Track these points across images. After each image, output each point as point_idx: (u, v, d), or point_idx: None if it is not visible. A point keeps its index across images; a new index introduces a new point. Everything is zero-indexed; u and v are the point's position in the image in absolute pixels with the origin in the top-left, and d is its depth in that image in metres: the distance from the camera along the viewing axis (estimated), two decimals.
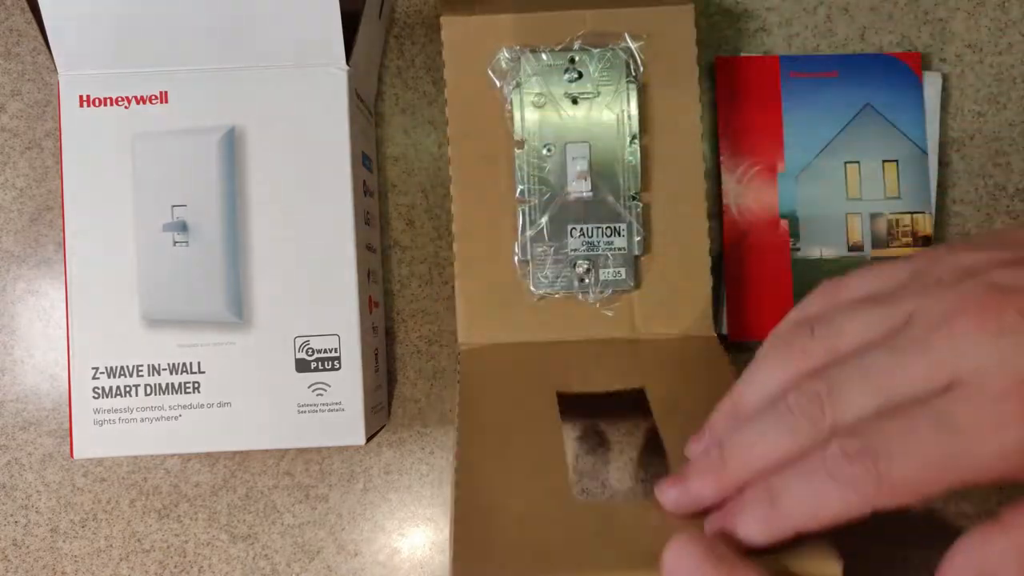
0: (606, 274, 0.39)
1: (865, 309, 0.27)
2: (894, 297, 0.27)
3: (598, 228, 0.38)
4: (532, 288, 0.39)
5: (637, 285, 0.39)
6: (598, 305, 0.39)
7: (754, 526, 0.26)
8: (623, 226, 0.38)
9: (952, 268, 0.27)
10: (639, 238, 0.39)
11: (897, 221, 0.44)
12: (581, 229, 0.38)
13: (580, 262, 0.38)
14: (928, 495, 0.24)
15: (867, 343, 0.26)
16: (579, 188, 0.39)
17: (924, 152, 0.45)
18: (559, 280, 0.39)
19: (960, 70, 0.47)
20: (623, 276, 0.39)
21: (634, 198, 0.39)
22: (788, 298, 0.44)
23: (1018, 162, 0.47)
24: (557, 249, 0.38)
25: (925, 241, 0.44)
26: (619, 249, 0.38)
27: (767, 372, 0.28)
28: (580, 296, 0.39)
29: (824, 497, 0.25)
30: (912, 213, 0.44)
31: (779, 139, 0.44)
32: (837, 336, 0.27)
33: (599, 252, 0.38)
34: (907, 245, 0.44)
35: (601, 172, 0.39)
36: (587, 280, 0.39)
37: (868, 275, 0.29)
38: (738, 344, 0.45)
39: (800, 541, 0.30)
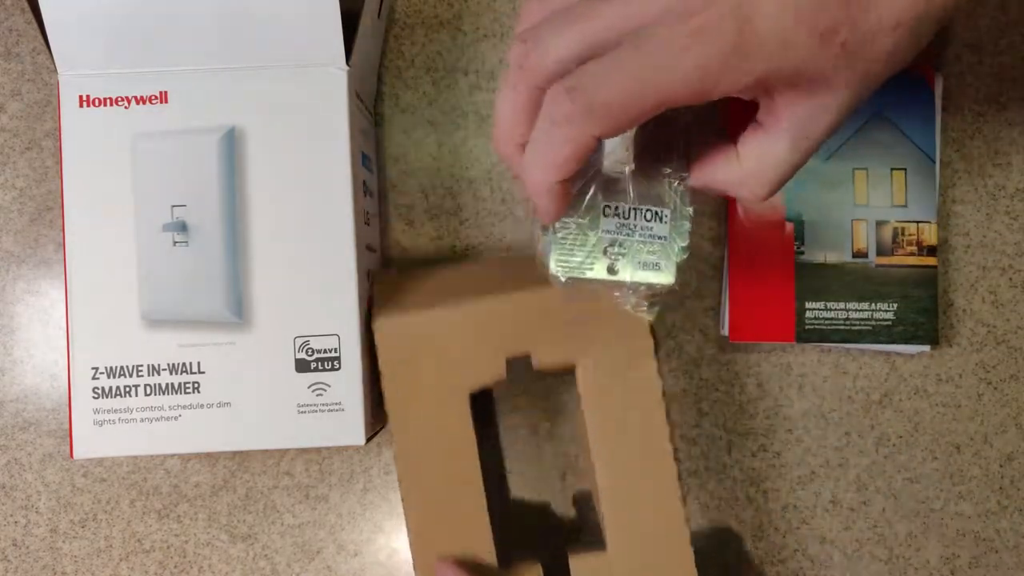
0: (641, 265, 0.33)
1: None
2: None
3: (637, 210, 0.33)
4: (553, 271, 0.33)
5: (675, 284, 0.33)
6: (628, 307, 0.34)
7: (530, 189, 0.29)
8: (666, 211, 0.33)
9: None
10: (684, 228, 0.33)
11: (903, 229, 0.44)
12: (616, 208, 0.33)
13: (611, 249, 0.33)
14: (636, 116, 0.26)
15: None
16: (618, 159, 0.33)
17: (933, 161, 0.44)
18: (586, 266, 0.33)
19: (960, 70, 0.47)
20: (661, 268, 0.33)
21: (682, 179, 0.33)
22: (790, 301, 0.44)
23: (1018, 162, 0.46)
24: (586, 228, 0.33)
25: (930, 251, 0.44)
26: (659, 237, 0.33)
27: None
28: (609, 291, 0.34)
29: (553, 141, 0.27)
30: (918, 222, 0.44)
31: None
32: None
33: (635, 238, 0.33)
34: (912, 254, 0.44)
35: (647, 146, 0.33)
36: (617, 269, 0.33)
37: None
38: (736, 346, 0.45)
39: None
